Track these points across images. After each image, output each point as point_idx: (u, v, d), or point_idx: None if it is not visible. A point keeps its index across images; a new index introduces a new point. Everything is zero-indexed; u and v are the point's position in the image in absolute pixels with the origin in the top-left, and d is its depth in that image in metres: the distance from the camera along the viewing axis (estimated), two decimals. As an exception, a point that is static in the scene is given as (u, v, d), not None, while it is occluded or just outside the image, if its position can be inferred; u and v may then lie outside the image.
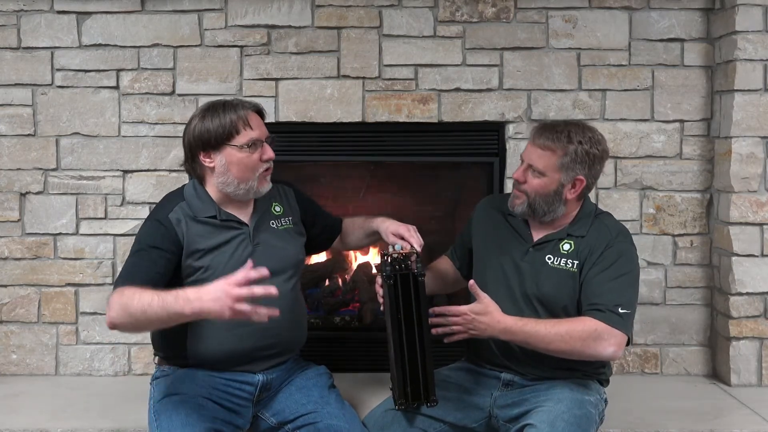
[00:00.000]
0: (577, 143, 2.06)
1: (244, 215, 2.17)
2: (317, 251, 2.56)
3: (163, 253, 2.02)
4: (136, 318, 1.83)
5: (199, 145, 2.09)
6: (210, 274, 2.07)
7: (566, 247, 2.11)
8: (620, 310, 1.98)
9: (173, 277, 2.05)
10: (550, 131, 2.10)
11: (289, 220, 2.27)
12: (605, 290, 2.02)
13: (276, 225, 2.22)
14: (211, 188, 2.15)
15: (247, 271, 1.75)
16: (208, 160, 2.09)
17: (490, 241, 2.26)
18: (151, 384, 2.18)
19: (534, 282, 2.12)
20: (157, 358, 2.23)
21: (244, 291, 1.72)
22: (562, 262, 2.10)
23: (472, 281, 2.06)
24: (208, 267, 2.08)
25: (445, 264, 2.43)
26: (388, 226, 2.24)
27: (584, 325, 1.98)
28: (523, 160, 2.15)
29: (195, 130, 2.09)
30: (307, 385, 2.22)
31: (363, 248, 2.58)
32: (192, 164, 2.14)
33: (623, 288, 2.03)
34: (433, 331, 2.03)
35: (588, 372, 2.14)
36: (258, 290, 1.73)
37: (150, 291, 1.84)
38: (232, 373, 2.14)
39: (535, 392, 2.09)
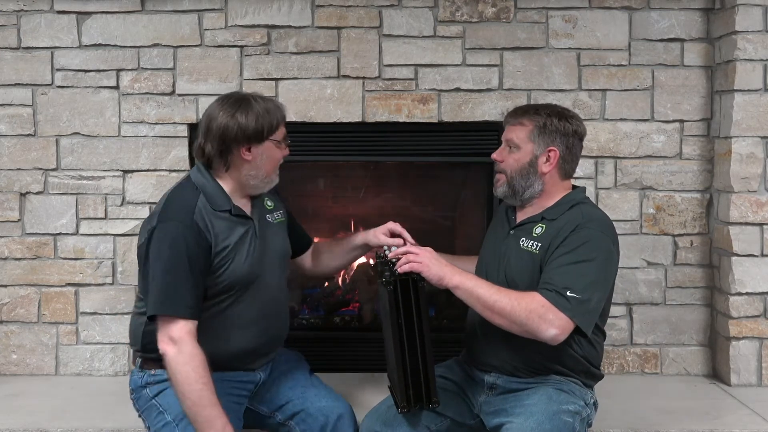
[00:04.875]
0: (545, 116, 2.13)
1: (247, 209, 2.16)
2: None
3: (200, 268, 1.99)
4: (180, 387, 1.91)
5: (245, 137, 2.04)
6: (230, 272, 2.05)
7: (538, 230, 2.11)
8: (568, 294, 1.93)
9: None
10: (521, 108, 2.21)
11: (280, 213, 2.28)
12: (559, 272, 1.98)
13: (271, 219, 2.23)
14: (229, 181, 2.11)
15: None
16: (247, 153, 2.07)
17: (489, 234, 2.31)
18: (141, 391, 2.11)
19: (504, 264, 2.13)
20: (140, 360, 2.14)
21: None
22: (530, 244, 2.10)
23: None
24: (229, 265, 2.05)
25: (469, 264, 2.37)
26: (374, 231, 2.27)
27: (533, 298, 1.94)
28: (502, 142, 2.21)
29: (241, 121, 2.03)
30: (289, 369, 2.27)
31: (339, 269, 2.53)
32: (223, 156, 2.07)
33: (579, 273, 1.96)
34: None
35: (572, 369, 2.10)
36: None
37: (211, 389, 1.90)
38: (235, 372, 2.14)
39: (515, 401, 2.07)
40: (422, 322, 1.98)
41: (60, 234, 2.92)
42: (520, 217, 2.19)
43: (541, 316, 1.92)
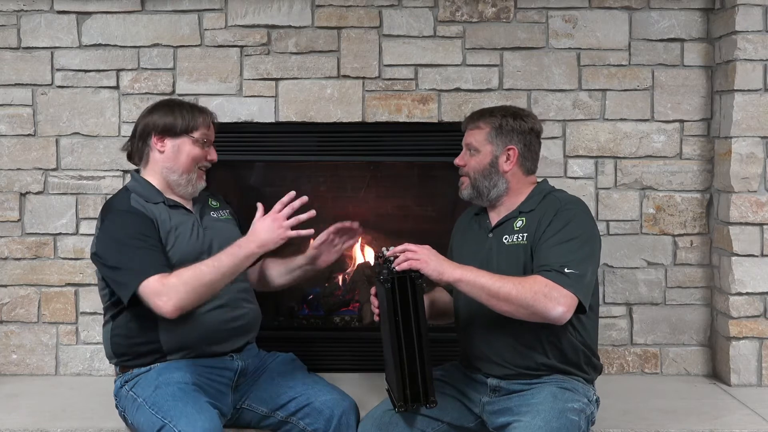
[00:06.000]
0: (500, 117, 2.18)
1: (188, 205, 2.26)
2: None
3: (156, 240, 2.10)
4: (202, 291, 2.00)
5: (159, 129, 2.19)
6: (175, 250, 2.13)
7: (519, 224, 2.14)
8: (566, 270, 1.96)
9: None
10: (476, 114, 2.26)
11: (226, 212, 2.36)
12: (552, 253, 2.01)
13: (216, 215, 2.32)
14: (154, 177, 2.22)
15: (287, 198, 2.05)
16: (160, 144, 2.20)
17: (461, 242, 2.32)
18: (120, 391, 2.15)
19: (494, 265, 2.13)
20: (118, 368, 2.20)
21: (287, 210, 2.02)
22: (515, 238, 2.12)
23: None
24: (173, 244, 2.13)
25: (438, 293, 2.41)
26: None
27: (534, 280, 1.97)
28: (463, 148, 2.26)
29: (160, 118, 2.20)
30: (286, 370, 2.28)
31: (284, 287, 2.51)
32: (141, 146, 2.23)
33: (571, 250, 2.01)
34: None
35: (575, 363, 2.11)
36: (303, 216, 2.02)
37: (197, 264, 2.02)
38: (211, 359, 2.16)
39: (520, 400, 2.08)
40: (420, 319, 1.99)
41: (60, 234, 2.92)
42: (495, 218, 2.22)
43: (546, 295, 1.94)
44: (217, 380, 2.15)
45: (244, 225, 2.32)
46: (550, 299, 1.93)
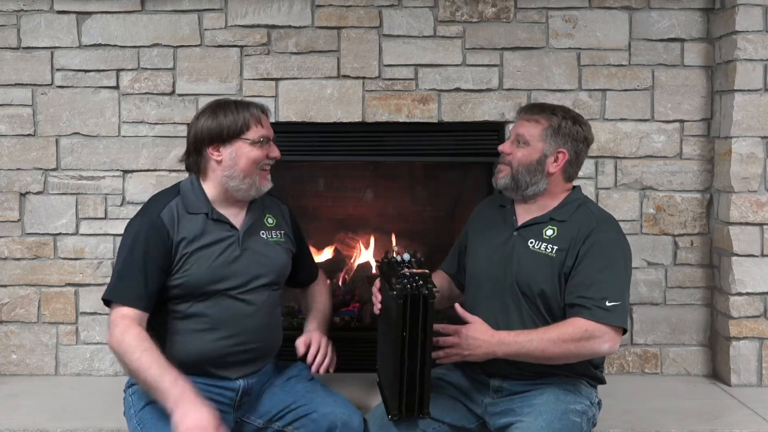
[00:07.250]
0: (561, 117, 2.16)
1: (236, 220, 2.15)
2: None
3: (156, 262, 2.03)
4: (126, 366, 1.96)
5: (208, 138, 2.11)
6: (194, 270, 2.06)
7: (549, 232, 2.13)
8: (607, 304, 1.98)
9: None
10: (537, 106, 2.23)
11: (281, 233, 2.24)
12: (590, 284, 2.01)
13: (266, 236, 2.20)
14: (211, 185, 2.14)
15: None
16: (216, 153, 2.11)
17: (481, 232, 2.30)
18: (125, 392, 2.14)
19: (514, 266, 2.13)
20: None
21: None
22: (542, 246, 2.11)
23: (457, 305, 2.12)
24: (194, 262, 2.06)
25: (439, 278, 2.40)
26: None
27: (574, 327, 1.98)
28: (511, 135, 2.23)
29: (206, 124, 2.11)
30: (288, 383, 2.21)
31: None
32: (196, 158, 2.15)
33: (610, 280, 2.02)
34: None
35: (577, 370, 2.12)
36: None
37: (153, 354, 1.91)
38: (211, 378, 2.10)
39: (522, 401, 2.08)
40: (426, 338, 1.96)
41: (60, 234, 2.92)
42: (524, 217, 2.19)
43: (589, 339, 1.98)
44: (217, 399, 2.07)
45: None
46: (594, 340, 1.98)
